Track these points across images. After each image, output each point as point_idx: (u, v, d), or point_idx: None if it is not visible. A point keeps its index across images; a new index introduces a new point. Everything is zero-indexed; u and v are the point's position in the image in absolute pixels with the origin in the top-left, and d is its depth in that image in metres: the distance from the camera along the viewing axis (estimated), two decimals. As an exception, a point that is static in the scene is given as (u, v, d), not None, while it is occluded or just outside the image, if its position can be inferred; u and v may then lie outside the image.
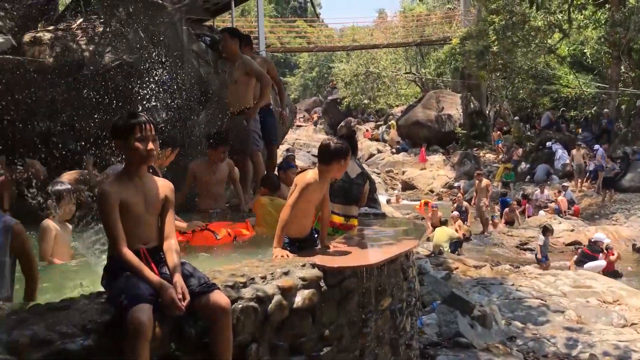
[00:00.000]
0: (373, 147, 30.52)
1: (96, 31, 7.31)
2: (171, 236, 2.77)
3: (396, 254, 3.96)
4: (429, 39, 31.12)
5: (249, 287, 2.94)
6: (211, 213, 5.71)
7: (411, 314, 4.57)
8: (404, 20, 35.98)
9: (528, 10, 20.00)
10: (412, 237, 4.50)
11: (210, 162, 5.96)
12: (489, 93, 27.80)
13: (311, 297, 3.20)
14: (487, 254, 12.88)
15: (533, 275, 9.46)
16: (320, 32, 39.85)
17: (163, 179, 2.84)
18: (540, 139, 22.38)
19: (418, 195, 22.37)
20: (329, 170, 3.73)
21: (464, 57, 24.19)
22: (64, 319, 2.33)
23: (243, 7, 32.66)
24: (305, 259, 3.43)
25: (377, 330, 3.83)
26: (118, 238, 2.58)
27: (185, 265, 2.74)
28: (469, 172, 22.84)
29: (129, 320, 2.32)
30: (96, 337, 2.32)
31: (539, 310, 7.73)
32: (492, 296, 8.19)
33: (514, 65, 22.78)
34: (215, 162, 5.93)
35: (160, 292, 2.48)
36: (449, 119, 27.81)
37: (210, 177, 5.92)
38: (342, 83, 36.03)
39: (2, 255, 2.91)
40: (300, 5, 56.06)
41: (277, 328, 3.06)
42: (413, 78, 35.11)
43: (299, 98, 46.17)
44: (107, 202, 2.58)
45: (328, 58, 43.39)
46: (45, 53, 7.02)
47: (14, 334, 2.16)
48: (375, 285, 3.77)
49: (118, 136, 2.68)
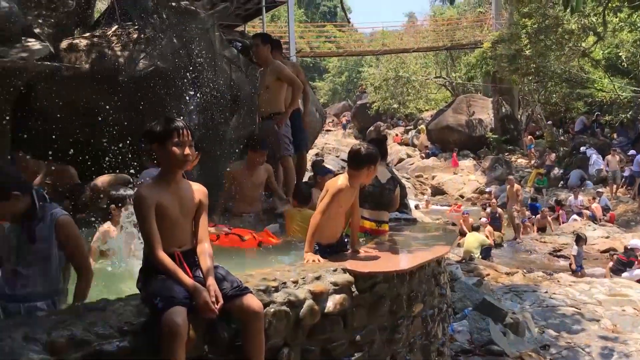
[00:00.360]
0: (402, 151, 30.35)
1: (131, 38, 7.46)
2: (205, 240, 2.80)
3: (428, 260, 3.94)
4: (459, 42, 30.87)
5: (280, 291, 2.96)
6: (245, 217, 5.68)
7: (443, 321, 4.53)
8: (434, 24, 35.80)
9: (561, 14, 19.66)
10: (444, 242, 4.46)
11: (248, 165, 5.91)
12: (521, 97, 27.39)
13: (342, 302, 3.20)
14: (519, 261, 12.68)
15: (567, 282, 9.28)
16: (350, 36, 39.91)
17: (197, 183, 2.88)
18: (574, 143, 21.97)
19: (448, 201, 22.17)
20: (358, 176, 3.72)
21: (495, 61, 23.89)
22: (101, 320, 2.37)
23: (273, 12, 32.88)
24: (336, 263, 3.43)
25: (409, 337, 3.80)
26: (154, 241, 2.62)
27: (218, 269, 2.76)
28: (500, 177, 22.53)
29: (164, 322, 2.35)
30: (132, 338, 2.36)
31: (573, 318, 7.58)
32: (524, 303, 8.06)
33: (547, 69, 22.38)
34: (253, 165, 5.87)
35: (194, 295, 2.51)
36: (479, 124, 27.49)
37: (247, 180, 5.88)
38: (371, 87, 35.94)
39: (48, 247, 2.91)
40: (330, 10, 56.17)
41: (309, 332, 3.06)
42: (443, 82, 34.85)
43: (328, 102, 46.24)
44: (144, 206, 2.62)
45: (357, 62, 43.44)
46: (81, 59, 7.19)
47: (53, 334, 2.22)
48: (407, 291, 3.75)
49: (155, 141, 2.72)
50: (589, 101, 23.95)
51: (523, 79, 23.96)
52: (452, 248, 5.00)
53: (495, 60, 23.82)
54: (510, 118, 27.04)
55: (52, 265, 2.93)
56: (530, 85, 25.18)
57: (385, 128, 34.91)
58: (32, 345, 2.15)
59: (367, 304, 3.43)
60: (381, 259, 3.73)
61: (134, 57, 7.17)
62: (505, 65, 22.56)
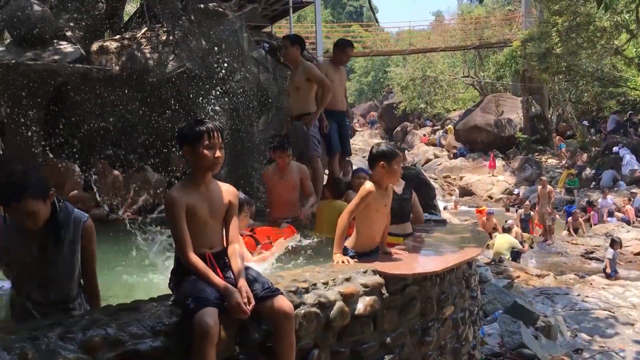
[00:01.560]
0: (430, 152, 30.11)
1: (160, 40, 7.53)
2: (235, 241, 2.81)
3: (459, 262, 3.89)
4: (488, 41, 30.49)
5: (311, 292, 2.95)
6: (282, 223, 5.31)
7: (474, 323, 4.47)
8: (462, 23, 35.42)
9: (593, 11, 19.29)
10: (474, 244, 4.40)
11: (278, 167, 5.67)
12: (551, 96, 26.95)
13: (373, 303, 3.18)
14: (550, 263, 12.46)
15: (600, 285, 9.09)
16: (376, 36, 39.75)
17: (227, 184, 2.88)
18: (606, 143, 21.50)
19: (476, 202, 21.90)
20: (375, 174, 3.70)
21: (525, 59, 23.55)
22: (135, 320, 2.40)
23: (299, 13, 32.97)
24: (366, 265, 3.41)
25: (439, 339, 3.76)
26: (185, 242, 2.63)
27: (249, 270, 2.77)
28: (529, 178, 22.17)
29: (196, 323, 2.36)
30: (164, 338, 2.39)
31: (606, 322, 7.42)
32: (556, 306, 7.92)
33: (578, 68, 21.98)
34: (281, 166, 5.60)
35: (225, 296, 2.52)
36: (508, 123, 27.10)
37: (278, 183, 5.64)
38: (398, 87, 35.75)
39: (74, 251, 2.79)
40: (356, 10, 56.03)
41: (339, 334, 3.05)
42: (471, 82, 34.47)
43: (354, 103, 46.14)
44: (175, 208, 2.64)
45: (384, 62, 43.25)
46: (111, 61, 7.29)
47: (88, 333, 2.24)
48: (438, 293, 3.71)
49: (186, 142, 2.73)
50: (621, 100, 23.46)
51: (554, 78, 23.58)
52: (483, 250, 4.91)
53: (525, 59, 23.48)
54: (540, 117, 26.61)
55: (75, 268, 2.84)
56: (561, 84, 24.77)
57: (412, 128, 34.70)
58: (67, 344, 2.19)
59: (398, 306, 3.40)
60: (412, 261, 3.70)
61: (163, 59, 7.23)
62: (536, 63, 22.22)
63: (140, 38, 7.59)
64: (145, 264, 4.46)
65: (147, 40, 7.53)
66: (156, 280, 4.15)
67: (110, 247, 4.84)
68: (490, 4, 37.75)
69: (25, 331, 2.26)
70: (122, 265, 4.63)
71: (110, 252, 4.80)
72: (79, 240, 2.80)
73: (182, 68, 7.08)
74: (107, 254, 4.71)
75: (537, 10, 26.33)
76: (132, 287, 4.17)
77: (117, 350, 2.25)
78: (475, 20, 34.10)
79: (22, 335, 2.21)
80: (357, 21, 48.45)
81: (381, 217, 3.74)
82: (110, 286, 3.85)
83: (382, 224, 3.77)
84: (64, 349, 2.16)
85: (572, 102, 25.54)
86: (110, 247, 4.84)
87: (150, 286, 4.07)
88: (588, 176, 20.57)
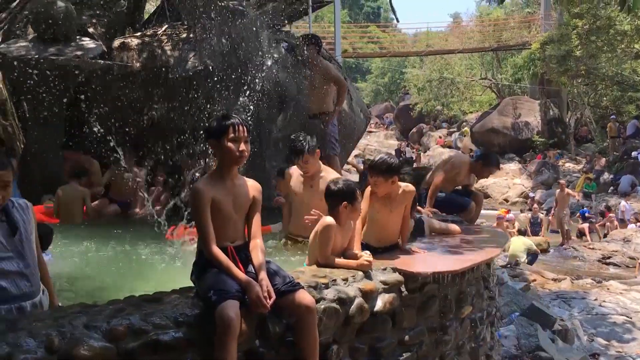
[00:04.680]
0: (445, 154, 29.91)
1: (181, 37, 7.59)
2: (257, 235, 2.83)
3: (478, 262, 3.88)
4: (506, 43, 30.28)
5: (330, 288, 2.96)
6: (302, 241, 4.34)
7: (491, 324, 4.45)
8: (480, 25, 35.21)
9: (614, 14, 19.10)
10: (494, 245, 4.38)
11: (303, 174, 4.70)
12: (570, 100, 26.70)
13: (392, 301, 3.19)
14: (566, 267, 12.35)
15: (618, 290, 8.99)
16: (394, 37, 39.65)
17: (252, 180, 2.90)
18: (625, 148, 21.26)
19: (492, 205, 21.75)
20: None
21: (544, 62, 23.35)
22: (158, 311, 2.43)
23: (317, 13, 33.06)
24: (386, 262, 3.41)
25: (457, 339, 3.75)
26: (208, 235, 2.65)
27: (270, 264, 2.79)
28: (546, 182, 21.97)
29: (218, 315, 2.38)
30: (186, 329, 2.42)
31: (624, 327, 7.34)
32: (573, 310, 7.84)
33: (598, 71, 21.78)
34: (305, 171, 4.64)
35: (247, 290, 2.54)
36: (526, 126, 26.86)
37: (304, 192, 4.66)
38: (414, 89, 35.63)
39: (29, 234, 2.69)
40: (373, 11, 55.97)
41: (358, 330, 3.07)
42: (488, 84, 34.26)
43: (370, 104, 46.00)
44: (201, 200, 2.66)
45: (400, 63, 43.12)
46: (133, 58, 7.36)
47: (112, 322, 2.28)
48: (456, 292, 3.70)
49: (212, 137, 2.76)
50: (641, 104, 23.18)
51: (572, 81, 23.35)
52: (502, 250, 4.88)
53: (544, 62, 23.30)
54: (558, 121, 26.37)
55: (34, 255, 2.71)
56: (580, 88, 24.52)
57: (428, 130, 34.56)
58: (92, 333, 2.22)
59: (417, 304, 3.40)
60: (431, 259, 3.70)
61: (183, 56, 7.28)
62: (555, 66, 22.03)
63: (161, 35, 7.65)
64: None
65: (167, 38, 7.59)
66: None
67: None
68: (509, 6, 37.46)
69: (49, 319, 2.30)
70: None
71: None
72: (32, 223, 2.73)
73: (202, 66, 7.12)
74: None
75: (556, 13, 26.10)
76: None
77: (141, 340, 2.28)
78: (493, 22, 33.89)
79: (47, 323, 2.25)
80: (375, 22, 48.42)
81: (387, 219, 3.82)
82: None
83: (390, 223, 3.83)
84: (89, 337, 2.20)
85: (590, 106, 25.28)
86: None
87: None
88: (606, 181, 20.36)
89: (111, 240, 5.37)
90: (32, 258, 2.69)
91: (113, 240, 5.34)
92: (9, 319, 2.33)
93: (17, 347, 2.06)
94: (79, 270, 4.51)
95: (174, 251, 4.60)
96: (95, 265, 4.70)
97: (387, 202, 3.84)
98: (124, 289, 3.66)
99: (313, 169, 4.59)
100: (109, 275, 4.46)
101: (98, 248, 5.15)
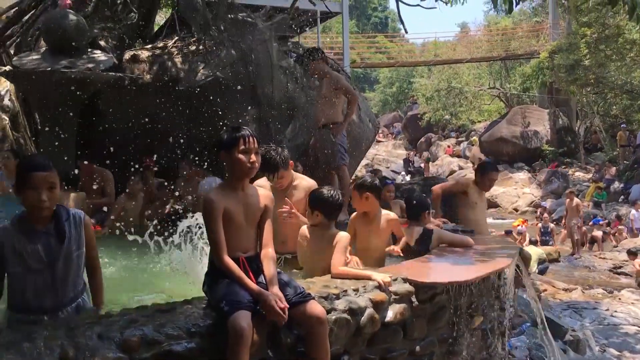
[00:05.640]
0: (454, 163, 29.92)
1: (190, 49, 7.66)
2: (269, 245, 2.85)
3: (489, 272, 3.86)
4: (514, 53, 30.28)
5: (341, 299, 2.97)
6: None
7: (502, 335, 4.43)
8: (488, 34, 35.25)
9: (623, 23, 19.08)
10: (505, 255, 4.36)
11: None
12: (579, 109, 26.61)
13: (403, 311, 3.18)
14: (577, 277, 12.26)
15: (629, 300, 8.92)
16: (401, 47, 39.73)
17: (263, 189, 2.92)
18: (635, 157, 21.15)
19: (501, 214, 21.67)
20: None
21: (552, 71, 23.32)
22: (170, 321, 2.44)
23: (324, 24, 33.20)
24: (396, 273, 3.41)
25: (469, 350, 3.74)
26: (220, 245, 2.67)
27: (281, 275, 2.80)
28: (556, 191, 21.87)
29: (230, 326, 2.40)
30: (199, 340, 2.43)
31: (636, 337, 7.27)
32: (584, 321, 7.78)
33: (607, 80, 21.72)
34: (280, 186, 4.47)
35: (260, 300, 2.55)
36: (535, 135, 26.80)
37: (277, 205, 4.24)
38: (422, 98, 35.66)
39: (78, 247, 2.76)
40: (381, 21, 56.18)
41: (369, 341, 3.06)
42: (497, 93, 34.23)
43: (378, 113, 46.04)
44: (213, 211, 2.69)
45: (409, 73, 43.18)
46: (143, 70, 7.43)
47: (125, 333, 2.30)
48: (467, 303, 3.69)
49: (222, 149, 2.79)
50: (651, 113, 23.06)
51: (581, 90, 23.29)
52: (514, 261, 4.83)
53: (553, 71, 23.26)
54: (567, 130, 26.28)
55: (82, 264, 2.80)
56: (589, 97, 24.44)
57: (437, 139, 34.54)
58: (106, 343, 2.24)
59: (427, 315, 3.40)
60: (442, 269, 3.69)
61: (193, 68, 7.34)
62: (563, 75, 22.00)
63: (171, 47, 7.72)
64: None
65: (178, 50, 7.66)
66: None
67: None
68: (517, 15, 37.48)
69: (63, 329, 2.32)
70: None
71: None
72: (82, 235, 2.78)
73: (212, 77, 7.18)
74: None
75: (565, 22, 26.09)
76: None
77: (154, 351, 2.30)
78: (501, 32, 33.92)
79: (61, 333, 2.27)
80: (382, 32, 48.58)
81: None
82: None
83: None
84: (103, 347, 2.22)
85: (600, 115, 25.18)
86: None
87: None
88: (616, 190, 20.24)
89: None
90: (69, 272, 2.72)
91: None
92: (24, 329, 2.35)
93: (32, 357, 2.08)
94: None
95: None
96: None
97: (367, 222, 4.10)
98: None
99: (287, 181, 4.52)
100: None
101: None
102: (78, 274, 2.80)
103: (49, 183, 2.60)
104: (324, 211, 3.63)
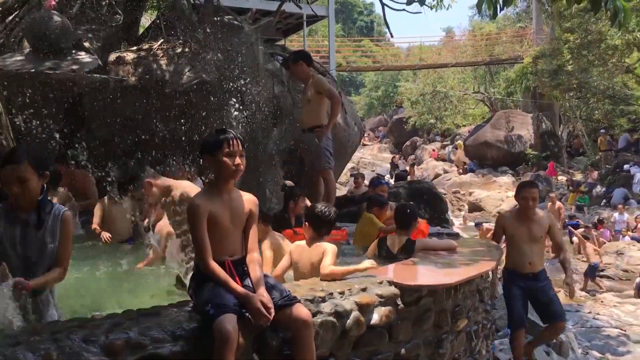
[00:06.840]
0: (439, 167, 30.09)
1: (176, 52, 7.63)
2: (255, 249, 2.84)
3: (473, 275, 3.90)
4: (498, 58, 30.59)
5: (327, 301, 2.98)
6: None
7: (487, 337, 4.46)
8: (473, 39, 35.54)
9: (605, 29, 19.33)
10: (489, 258, 4.41)
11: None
12: (562, 113, 26.92)
13: (388, 314, 3.20)
14: (560, 280, 12.37)
15: (612, 303, 9.02)
16: (387, 51, 39.90)
17: (249, 193, 2.91)
18: (617, 161, 21.43)
19: (486, 217, 21.81)
20: None
21: (536, 76, 23.57)
22: (155, 324, 2.43)
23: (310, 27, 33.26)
24: (382, 275, 3.43)
25: (453, 352, 3.76)
26: (205, 249, 2.66)
27: (268, 278, 2.80)
28: (540, 194, 22.06)
29: (216, 329, 2.39)
30: (184, 343, 2.42)
31: (618, 340, 7.36)
32: (567, 323, 7.85)
33: (589, 85, 21.99)
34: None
35: (246, 303, 2.55)
36: (519, 140, 27.06)
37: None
38: (408, 102, 35.84)
39: (52, 239, 2.82)
40: (367, 25, 56.35)
41: (354, 344, 3.07)
42: (481, 98, 34.52)
43: (364, 117, 46.18)
44: (197, 215, 2.67)
45: (394, 77, 43.39)
46: (128, 72, 7.38)
47: (110, 337, 2.28)
48: (452, 305, 3.72)
49: (207, 151, 2.77)
50: (632, 118, 23.37)
51: (564, 95, 23.56)
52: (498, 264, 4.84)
53: (536, 76, 23.50)
54: (550, 134, 26.57)
55: (52, 256, 2.84)
56: (572, 101, 24.73)
57: (422, 143, 34.72)
58: (90, 347, 2.22)
59: (412, 317, 3.42)
60: (427, 272, 3.72)
61: (178, 71, 7.31)
62: (547, 80, 22.24)
63: (156, 49, 7.68)
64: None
65: (163, 52, 7.62)
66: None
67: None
68: (502, 20, 37.83)
69: (47, 333, 2.30)
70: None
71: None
72: (58, 229, 2.84)
73: (197, 80, 7.15)
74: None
75: (548, 28, 26.38)
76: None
77: (139, 354, 2.29)
78: (486, 37, 34.21)
79: (45, 337, 2.25)
80: (368, 36, 48.74)
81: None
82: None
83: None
84: (87, 351, 2.20)
85: (582, 119, 25.48)
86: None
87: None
88: (598, 194, 20.48)
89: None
90: (41, 262, 2.80)
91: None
92: (8, 333, 2.33)
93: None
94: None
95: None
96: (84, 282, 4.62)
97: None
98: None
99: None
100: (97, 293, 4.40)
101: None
102: (50, 266, 2.85)
103: (16, 177, 2.66)
104: (313, 225, 3.73)
